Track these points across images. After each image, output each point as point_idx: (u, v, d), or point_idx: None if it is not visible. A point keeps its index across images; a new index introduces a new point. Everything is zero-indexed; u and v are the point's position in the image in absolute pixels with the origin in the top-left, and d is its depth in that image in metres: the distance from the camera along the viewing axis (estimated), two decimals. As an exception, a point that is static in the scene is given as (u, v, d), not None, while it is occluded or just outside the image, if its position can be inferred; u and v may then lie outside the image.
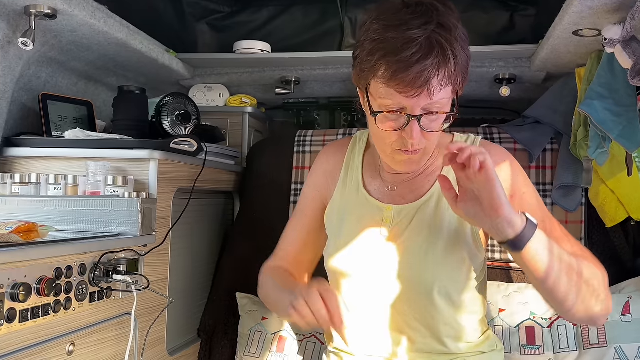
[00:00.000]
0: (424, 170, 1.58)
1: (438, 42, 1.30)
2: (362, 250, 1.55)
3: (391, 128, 1.38)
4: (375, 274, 1.53)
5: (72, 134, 1.91)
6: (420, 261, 1.49)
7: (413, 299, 1.51)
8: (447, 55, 1.30)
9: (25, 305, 1.29)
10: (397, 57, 1.29)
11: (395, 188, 1.59)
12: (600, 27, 1.71)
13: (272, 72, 2.62)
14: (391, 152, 1.44)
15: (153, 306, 1.86)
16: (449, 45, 1.30)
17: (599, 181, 2.07)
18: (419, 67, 1.28)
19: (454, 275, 1.50)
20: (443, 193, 1.37)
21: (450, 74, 1.32)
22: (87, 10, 1.80)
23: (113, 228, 1.66)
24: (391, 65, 1.30)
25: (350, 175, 1.66)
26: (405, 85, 1.30)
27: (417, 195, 1.56)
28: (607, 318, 1.52)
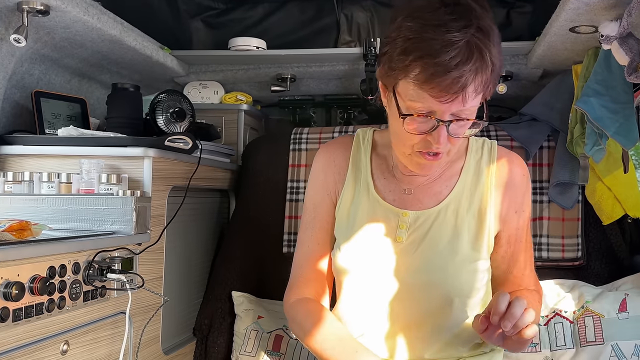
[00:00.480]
0: (442, 173, 1.56)
1: (477, 48, 1.27)
2: (376, 255, 1.52)
3: (417, 131, 1.35)
4: (390, 280, 1.50)
5: (66, 131, 1.91)
6: (441, 270, 1.48)
7: (430, 306, 1.50)
8: (486, 61, 1.28)
9: (19, 304, 1.28)
10: (435, 59, 1.25)
11: (411, 191, 1.56)
12: (597, 23, 1.71)
13: (267, 69, 2.61)
14: (411, 154, 1.41)
15: (148, 305, 1.85)
16: (487, 51, 1.28)
17: (596, 178, 2.07)
18: (457, 72, 1.25)
19: (473, 283, 1.50)
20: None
21: (486, 80, 1.30)
22: (81, 6, 1.80)
23: (107, 226, 1.65)
24: (428, 68, 1.26)
25: (358, 176, 1.61)
26: (440, 90, 1.27)
27: (436, 200, 1.54)
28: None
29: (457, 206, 1.52)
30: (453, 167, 1.57)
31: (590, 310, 1.99)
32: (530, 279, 1.64)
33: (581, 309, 2.00)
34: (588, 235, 2.19)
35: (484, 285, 1.54)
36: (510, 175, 1.56)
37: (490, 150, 1.58)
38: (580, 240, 2.16)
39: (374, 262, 1.52)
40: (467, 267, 1.48)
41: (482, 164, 1.56)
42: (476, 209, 1.52)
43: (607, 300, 2.00)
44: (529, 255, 1.63)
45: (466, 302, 1.50)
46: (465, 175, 1.55)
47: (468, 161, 1.57)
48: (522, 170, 1.58)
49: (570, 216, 2.17)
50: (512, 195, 1.55)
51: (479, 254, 1.50)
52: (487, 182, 1.54)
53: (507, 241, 1.57)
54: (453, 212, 1.52)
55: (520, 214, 1.57)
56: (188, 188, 2.01)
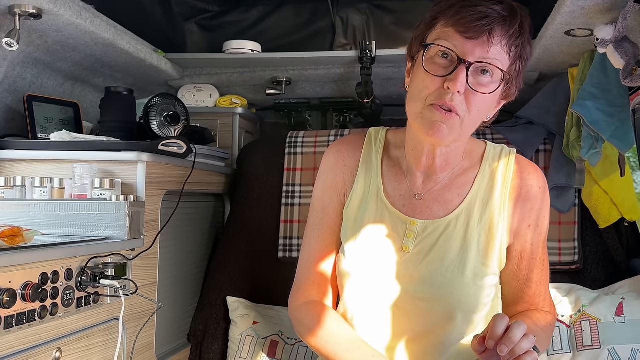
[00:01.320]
0: (454, 180, 1.53)
1: (510, 5, 1.32)
2: (380, 262, 1.50)
3: (437, 72, 1.33)
4: (393, 289, 1.48)
5: (58, 136, 1.91)
6: (447, 284, 1.45)
7: (432, 319, 1.48)
8: (517, 17, 1.32)
9: (10, 311, 1.28)
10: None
11: (422, 196, 1.52)
12: (592, 27, 1.71)
13: (262, 73, 2.61)
14: (423, 108, 1.36)
15: (142, 311, 1.85)
16: (521, 14, 1.33)
17: (592, 182, 2.08)
18: (485, 9, 1.28)
19: (479, 298, 1.47)
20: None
21: (512, 40, 1.32)
22: (73, 10, 1.80)
23: (100, 232, 1.65)
24: (458, 3, 1.30)
25: (368, 178, 1.58)
26: (465, 23, 1.28)
27: (446, 209, 1.51)
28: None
29: (467, 217, 1.49)
30: (467, 175, 1.53)
31: (587, 314, 1.99)
32: (545, 300, 1.60)
33: (578, 313, 2.00)
34: (585, 239, 2.19)
35: (490, 301, 1.51)
36: (525, 186, 1.52)
37: (508, 159, 1.54)
38: (577, 244, 2.16)
39: (378, 270, 1.50)
40: (474, 282, 1.45)
41: (497, 174, 1.52)
42: (487, 220, 1.49)
43: (603, 304, 2.00)
44: (545, 275, 1.58)
45: (470, 318, 1.48)
46: (479, 184, 1.52)
47: (483, 170, 1.53)
48: (538, 183, 1.53)
49: (567, 220, 2.18)
50: (526, 208, 1.51)
51: (488, 269, 1.47)
52: (502, 192, 1.51)
53: (519, 257, 1.53)
54: (463, 224, 1.48)
55: (535, 230, 1.52)
56: (182, 192, 2.01)
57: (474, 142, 1.58)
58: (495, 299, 1.56)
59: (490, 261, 1.48)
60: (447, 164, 1.52)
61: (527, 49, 1.37)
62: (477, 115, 1.38)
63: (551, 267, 2.12)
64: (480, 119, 1.42)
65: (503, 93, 1.41)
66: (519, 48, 1.35)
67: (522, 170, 1.53)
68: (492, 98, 1.38)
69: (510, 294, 1.59)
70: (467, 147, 1.55)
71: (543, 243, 1.55)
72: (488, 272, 1.48)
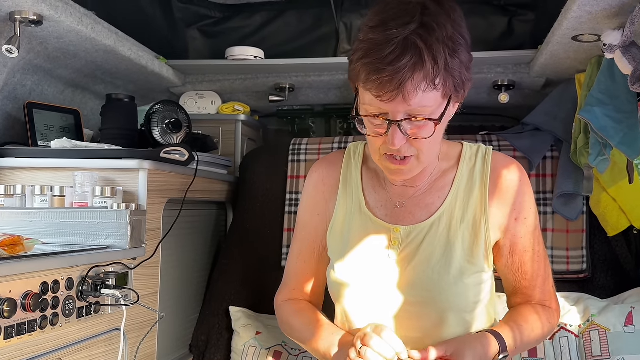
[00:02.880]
0: (432, 184, 1.55)
1: (414, 44, 1.26)
2: (369, 273, 1.51)
3: (375, 134, 1.37)
4: (385, 297, 1.49)
5: (59, 143, 1.91)
6: (434, 285, 1.46)
7: (425, 321, 1.48)
8: (423, 57, 1.26)
9: (11, 321, 1.28)
10: (371, 58, 1.28)
11: (403, 204, 1.55)
12: (599, 32, 1.71)
13: (265, 79, 2.62)
14: (380, 159, 1.43)
15: (143, 321, 1.85)
16: (426, 46, 1.26)
17: (600, 189, 2.07)
18: (391, 69, 1.25)
19: (468, 297, 1.48)
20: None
21: (430, 77, 1.28)
22: (74, 16, 1.80)
23: (101, 241, 1.65)
24: (367, 66, 1.29)
25: (349, 192, 1.61)
26: (377, 88, 1.28)
27: (428, 212, 1.52)
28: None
29: (449, 218, 1.51)
30: (445, 177, 1.55)
31: (596, 324, 1.98)
32: (543, 292, 1.59)
33: (587, 322, 2.00)
34: (593, 247, 2.19)
35: (482, 300, 1.51)
36: (505, 180, 1.53)
37: (485, 157, 1.56)
38: (585, 252, 2.16)
39: (368, 280, 1.51)
40: (461, 280, 1.46)
41: (475, 172, 1.54)
42: (470, 219, 1.50)
43: (613, 314, 1.99)
44: (541, 267, 1.58)
45: (462, 318, 1.48)
46: (457, 184, 1.53)
47: (461, 170, 1.55)
48: (518, 175, 1.54)
49: (575, 228, 2.17)
50: (509, 202, 1.52)
51: (475, 267, 1.48)
52: (482, 190, 1.52)
53: (510, 251, 1.55)
54: (446, 225, 1.50)
55: (521, 222, 1.53)
56: (184, 201, 2.01)
57: (449, 145, 1.60)
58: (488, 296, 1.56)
59: (476, 259, 1.49)
60: (423, 175, 1.54)
61: (452, 61, 1.31)
62: (432, 146, 1.41)
63: (559, 276, 2.14)
64: (437, 146, 1.46)
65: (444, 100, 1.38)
66: (440, 72, 1.30)
67: (498, 165, 1.55)
68: (440, 128, 1.39)
69: (508, 287, 1.62)
70: (443, 150, 1.56)
71: (533, 234, 1.56)
72: (475, 269, 1.49)
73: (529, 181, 1.57)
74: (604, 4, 1.53)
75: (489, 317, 1.57)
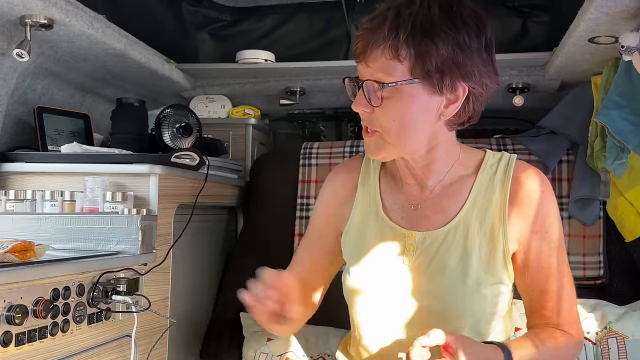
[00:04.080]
0: (448, 187, 1.53)
1: (397, 14, 1.34)
2: (383, 280, 1.50)
3: (350, 93, 1.48)
4: (398, 305, 1.48)
5: (69, 148, 1.91)
6: (450, 293, 1.44)
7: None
8: (386, 21, 1.34)
9: (22, 328, 1.28)
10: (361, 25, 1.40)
11: (418, 207, 1.53)
12: (617, 34, 1.70)
13: (276, 82, 2.62)
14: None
15: (154, 328, 1.85)
16: (395, 15, 1.34)
17: (617, 193, 2.06)
18: (365, 31, 1.37)
19: (485, 306, 1.45)
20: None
21: (390, 44, 1.33)
22: (85, 20, 1.81)
23: (112, 246, 1.66)
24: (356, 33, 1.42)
25: (366, 197, 1.61)
26: (353, 48, 1.42)
27: (444, 218, 1.50)
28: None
29: (466, 226, 1.48)
30: (463, 182, 1.53)
31: (614, 331, 1.97)
32: (564, 316, 1.53)
33: (604, 330, 1.98)
34: (610, 253, 2.17)
35: (499, 312, 1.49)
36: (526, 191, 1.49)
37: (507, 165, 1.53)
38: (602, 257, 2.15)
39: (383, 286, 1.50)
40: (477, 290, 1.44)
41: (495, 180, 1.51)
42: (488, 228, 1.47)
43: (631, 321, 1.98)
44: (563, 288, 1.52)
45: (478, 328, 1.46)
46: (476, 192, 1.51)
47: (480, 177, 1.52)
48: (541, 186, 1.50)
49: (591, 233, 2.16)
50: (529, 214, 1.48)
51: (493, 277, 1.46)
52: (501, 198, 1.49)
53: (529, 266, 1.50)
54: (462, 233, 1.48)
55: (542, 236, 1.49)
56: (195, 205, 2.01)
57: (471, 151, 1.58)
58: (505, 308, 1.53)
59: (494, 269, 1.46)
60: (430, 172, 1.52)
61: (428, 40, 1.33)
62: (397, 124, 1.40)
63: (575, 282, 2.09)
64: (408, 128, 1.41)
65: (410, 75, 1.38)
66: (408, 48, 1.33)
67: (521, 174, 1.51)
68: (405, 104, 1.38)
69: (527, 306, 1.57)
70: (463, 155, 1.55)
71: (557, 252, 1.51)
72: (493, 280, 1.46)
73: (553, 193, 1.52)
74: (622, 5, 1.52)
75: (506, 330, 1.55)
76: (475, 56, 1.37)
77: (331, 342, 2.13)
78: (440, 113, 1.41)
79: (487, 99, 1.46)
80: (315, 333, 2.17)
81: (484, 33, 1.39)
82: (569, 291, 1.53)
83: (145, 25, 2.34)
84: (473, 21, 1.37)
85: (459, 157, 1.54)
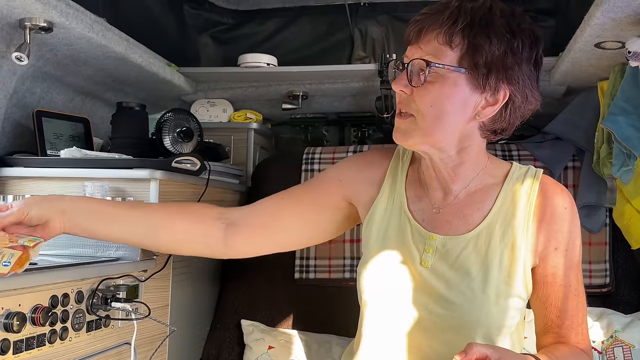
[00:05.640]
0: (472, 195, 1.53)
1: (460, 4, 1.38)
2: (400, 277, 1.50)
3: (392, 77, 1.49)
4: (410, 307, 1.48)
5: (68, 152, 1.92)
6: (467, 300, 1.44)
7: (451, 335, 1.46)
8: (447, 9, 1.38)
9: (20, 335, 1.28)
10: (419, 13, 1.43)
11: (440, 211, 1.54)
12: (623, 39, 1.71)
13: (278, 87, 2.62)
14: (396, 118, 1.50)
15: (154, 335, 1.85)
16: (457, 5, 1.38)
17: (624, 200, 2.05)
18: (423, 16, 1.41)
19: (502, 319, 1.45)
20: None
21: (446, 30, 1.37)
22: (85, 22, 1.81)
23: (111, 252, 1.66)
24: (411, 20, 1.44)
25: (392, 190, 1.61)
26: (406, 33, 1.44)
27: (467, 226, 1.51)
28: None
29: (489, 235, 1.48)
30: (488, 192, 1.53)
31: (620, 340, 1.97)
32: (577, 335, 1.53)
33: (610, 338, 1.98)
34: (616, 261, 2.17)
35: (514, 325, 1.48)
36: (550, 206, 1.50)
37: (534, 179, 1.53)
38: (608, 265, 2.14)
39: (399, 284, 1.50)
40: (497, 301, 1.44)
41: (521, 192, 1.51)
42: (510, 240, 1.47)
43: (637, 330, 1.98)
44: (579, 307, 1.53)
45: (491, 339, 1.45)
46: (501, 202, 1.51)
47: (506, 188, 1.52)
48: (564, 202, 1.50)
49: (597, 240, 2.16)
50: (552, 230, 1.49)
51: (512, 290, 1.45)
52: (526, 211, 1.49)
53: (544, 281, 1.50)
54: (485, 242, 1.48)
55: (563, 254, 1.49)
56: (196, 211, 2.00)
57: (498, 162, 1.59)
58: (520, 325, 1.54)
59: (514, 282, 1.46)
60: (456, 175, 1.52)
61: (483, 35, 1.37)
62: (433, 111, 1.41)
63: (581, 291, 2.12)
64: (444, 117, 1.42)
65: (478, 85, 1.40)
66: (462, 37, 1.37)
67: (547, 189, 1.52)
68: (446, 91, 1.40)
69: (541, 323, 1.56)
70: (489, 165, 1.55)
71: (576, 270, 1.51)
72: (513, 293, 1.46)
73: (577, 212, 1.53)
74: (629, 11, 1.52)
75: (512, 343, 1.53)
76: (524, 65, 1.41)
77: (333, 350, 2.13)
78: (477, 112, 1.43)
79: (524, 115, 1.50)
80: (317, 341, 2.17)
81: (536, 48, 1.44)
82: (584, 309, 1.54)
83: (146, 29, 2.35)
84: (529, 33, 1.42)
85: (486, 166, 1.55)
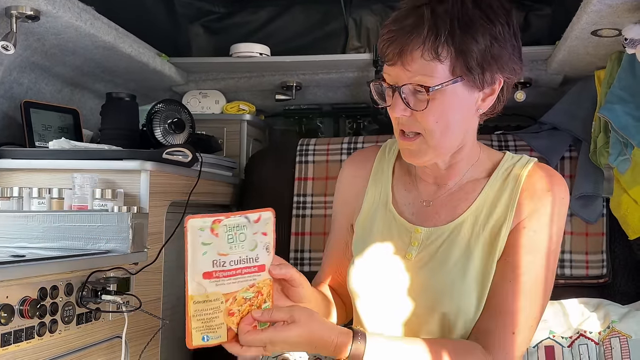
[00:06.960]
0: (463, 186, 1.53)
1: (420, 9, 1.33)
2: (385, 275, 1.51)
3: (384, 104, 1.43)
4: (397, 300, 1.48)
5: (57, 144, 1.91)
6: (447, 290, 1.44)
7: (433, 325, 1.46)
8: (423, 21, 1.32)
9: (7, 328, 1.28)
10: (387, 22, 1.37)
11: (430, 204, 1.54)
12: (620, 26, 1.70)
13: (271, 77, 2.62)
14: (398, 138, 1.46)
15: (145, 328, 1.85)
16: (431, 14, 1.32)
17: (621, 190, 2.06)
18: (394, 29, 1.34)
19: (481, 307, 1.44)
20: None
21: (430, 44, 1.31)
22: (73, 11, 1.80)
23: (102, 245, 1.65)
24: (382, 30, 1.38)
25: (377, 188, 1.62)
26: (383, 49, 1.36)
27: (453, 215, 1.50)
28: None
29: (473, 223, 1.48)
30: (477, 182, 1.53)
31: (617, 330, 1.97)
32: (495, 346, 1.40)
33: (607, 329, 1.98)
34: (613, 251, 2.17)
35: None
36: (534, 190, 1.46)
37: (524, 166, 1.51)
38: (605, 256, 2.15)
39: (385, 282, 1.51)
40: (475, 289, 1.43)
41: (509, 179, 1.50)
42: (490, 229, 1.46)
43: (634, 320, 1.98)
44: (526, 308, 1.41)
45: (470, 326, 1.44)
46: (488, 190, 1.50)
47: (495, 176, 1.52)
48: (550, 185, 1.46)
49: (594, 231, 2.16)
50: (528, 207, 1.45)
51: (491, 278, 1.44)
52: (511, 197, 1.47)
53: (499, 259, 1.46)
54: (468, 230, 1.47)
55: (523, 233, 1.43)
56: (188, 203, 2.00)
57: (490, 152, 1.59)
58: None
59: (492, 270, 1.45)
60: (454, 171, 1.53)
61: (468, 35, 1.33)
62: (440, 127, 1.39)
63: (578, 281, 2.13)
64: (449, 129, 1.41)
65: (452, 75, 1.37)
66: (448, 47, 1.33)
67: (535, 173, 1.50)
68: (447, 104, 1.37)
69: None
70: (482, 156, 1.56)
71: (538, 266, 1.43)
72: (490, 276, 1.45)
73: (566, 202, 1.48)
74: (625, -3, 1.52)
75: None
76: (509, 45, 1.40)
77: (327, 343, 2.13)
78: (478, 107, 1.43)
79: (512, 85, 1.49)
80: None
81: (511, 20, 1.41)
82: (532, 320, 1.43)
83: (135, 17, 2.34)
84: (502, 10, 1.39)
85: (479, 158, 1.55)
